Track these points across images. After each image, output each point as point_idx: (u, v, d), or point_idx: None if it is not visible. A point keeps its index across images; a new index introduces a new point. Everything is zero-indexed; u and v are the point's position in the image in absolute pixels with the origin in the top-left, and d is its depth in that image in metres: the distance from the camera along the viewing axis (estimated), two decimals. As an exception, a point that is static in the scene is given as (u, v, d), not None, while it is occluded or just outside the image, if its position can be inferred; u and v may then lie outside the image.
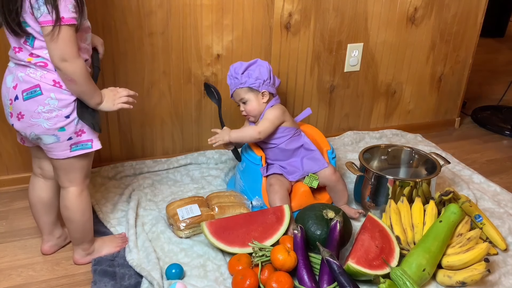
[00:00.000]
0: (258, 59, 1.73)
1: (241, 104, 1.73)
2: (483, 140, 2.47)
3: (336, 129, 2.35)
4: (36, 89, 1.23)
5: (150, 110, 1.97)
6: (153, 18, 1.82)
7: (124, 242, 1.53)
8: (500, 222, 1.71)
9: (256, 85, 1.69)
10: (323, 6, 2.04)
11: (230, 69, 1.73)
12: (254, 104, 1.71)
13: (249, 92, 1.70)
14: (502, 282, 1.46)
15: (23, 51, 1.22)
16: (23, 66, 1.23)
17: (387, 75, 2.31)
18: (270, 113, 1.71)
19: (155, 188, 1.87)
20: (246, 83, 1.69)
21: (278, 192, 1.63)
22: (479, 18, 2.34)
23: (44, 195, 1.45)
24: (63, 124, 1.27)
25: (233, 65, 1.73)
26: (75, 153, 1.32)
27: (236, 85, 1.70)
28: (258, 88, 1.70)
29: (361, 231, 1.50)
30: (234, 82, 1.71)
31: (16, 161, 1.85)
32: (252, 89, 1.69)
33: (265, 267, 1.41)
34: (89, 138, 1.33)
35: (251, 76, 1.68)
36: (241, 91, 1.70)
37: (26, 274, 1.45)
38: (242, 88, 1.69)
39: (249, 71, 1.69)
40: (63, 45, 1.17)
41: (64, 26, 1.15)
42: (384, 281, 1.31)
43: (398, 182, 1.64)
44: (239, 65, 1.71)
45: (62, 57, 1.18)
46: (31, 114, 1.25)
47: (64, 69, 1.19)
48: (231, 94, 1.75)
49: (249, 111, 1.72)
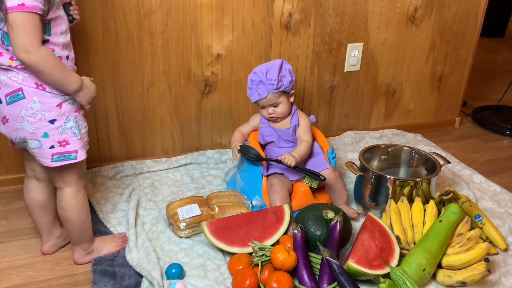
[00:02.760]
0: (283, 60, 1.70)
1: (270, 108, 1.70)
2: (483, 140, 2.47)
3: (336, 129, 2.35)
4: (19, 92, 1.20)
5: (150, 110, 1.97)
6: (153, 18, 1.82)
7: (124, 242, 1.53)
8: (500, 222, 1.71)
9: (290, 87, 1.68)
10: (323, 6, 2.04)
11: (259, 75, 1.66)
12: (286, 106, 1.70)
13: (282, 95, 1.69)
14: (502, 282, 1.46)
15: (3, 55, 1.18)
16: (5, 69, 1.20)
17: (387, 75, 2.31)
18: (305, 122, 1.74)
19: (155, 188, 1.86)
20: (282, 87, 1.66)
21: (279, 193, 1.63)
22: (479, 18, 2.34)
23: (39, 197, 1.43)
24: (47, 129, 1.24)
25: (260, 70, 1.68)
26: (56, 163, 1.28)
27: (270, 91, 1.66)
28: (290, 90, 1.70)
29: (361, 231, 1.50)
30: (268, 88, 1.65)
31: (16, 161, 1.85)
32: (285, 91, 1.68)
33: (265, 267, 1.41)
34: (74, 149, 1.29)
35: (285, 80, 1.66)
36: (274, 96, 1.67)
37: (26, 274, 1.45)
38: (275, 93, 1.67)
39: (282, 75, 1.66)
40: (23, 34, 1.10)
41: (23, 13, 1.09)
42: (384, 281, 1.31)
43: (398, 182, 1.64)
44: (270, 69, 1.66)
45: (23, 48, 1.11)
46: (15, 118, 1.22)
47: (28, 61, 1.13)
48: (257, 100, 1.69)
49: (280, 113, 1.71)
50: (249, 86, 1.72)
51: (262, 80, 1.66)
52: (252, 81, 1.70)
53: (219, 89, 2.03)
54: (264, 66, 1.69)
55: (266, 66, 1.68)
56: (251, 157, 1.68)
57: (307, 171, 1.64)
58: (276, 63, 1.69)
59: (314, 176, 1.63)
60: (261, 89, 1.67)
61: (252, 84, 1.70)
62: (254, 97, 1.70)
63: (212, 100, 2.04)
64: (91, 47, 1.78)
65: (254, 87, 1.69)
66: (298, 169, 1.64)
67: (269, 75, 1.66)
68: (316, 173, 1.63)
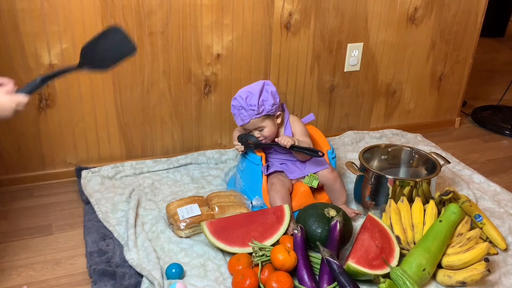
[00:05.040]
0: (265, 82, 1.67)
1: (256, 132, 1.68)
2: (483, 140, 2.47)
3: (336, 129, 2.35)
4: None
5: (150, 110, 1.97)
6: (153, 18, 1.82)
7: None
8: (500, 222, 1.71)
9: (273, 110, 1.65)
10: (323, 6, 2.04)
11: (239, 101, 1.63)
12: (271, 128, 1.67)
13: (266, 119, 1.66)
14: (502, 282, 1.46)
15: None
16: None
17: (387, 75, 2.31)
18: (299, 129, 1.73)
19: (155, 188, 1.86)
20: (263, 112, 1.63)
21: (279, 191, 1.63)
22: (479, 18, 2.34)
23: None
24: None
25: (240, 95, 1.64)
26: None
27: (251, 116, 1.63)
28: (274, 113, 1.67)
29: (361, 230, 1.50)
30: (249, 113, 1.62)
31: (16, 161, 1.85)
32: (269, 115, 1.66)
33: (265, 267, 1.41)
34: None
35: (267, 104, 1.63)
36: (258, 120, 1.64)
37: (26, 274, 1.45)
38: (258, 117, 1.64)
39: (263, 99, 1.63)
40: None
41: None
42: (384, 281, 1.31)
43: (398, 182, 1.64)
44: (250, 95, 1.63)
45: None
46: None
47: None
48: (241, 124, 1.67)
49: (267, 136, 1.68)
50: (232, 111, 1.69)
51: (242, 106, 1.63)
52: (234, 107, 1.67)
53: (219, 89, 2.03)
54: (244, 90, 1.65)
55: (246, 91, 1.64)
56: (250, 145, 1.68)
57: (305, 149, 1.63)
58: (257, 87, 1.64)
59: (313, 153, 1.61)
60: (243, 115, 1.64)
61: (234, 109, 1.67)
62: (238, 122, 1.68)
63: (212, 100, 2.04)
64: (91, 47, 1.78)
65: (236, 112, 1.67)
66: (296, 148, 1.63)
67: (249, 100, 1.62)
68: (314, 149, 1.63)
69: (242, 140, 1.71)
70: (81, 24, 1.74)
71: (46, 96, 1.81)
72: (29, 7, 1.66)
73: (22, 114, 1.79)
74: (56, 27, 1.72)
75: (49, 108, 1.83)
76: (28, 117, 1.81)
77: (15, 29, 1.67)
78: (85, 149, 1.94)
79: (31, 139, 1.85)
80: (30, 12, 1.67)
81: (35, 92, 1.32)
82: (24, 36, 1.69)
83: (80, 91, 1.84)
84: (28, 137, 1.84)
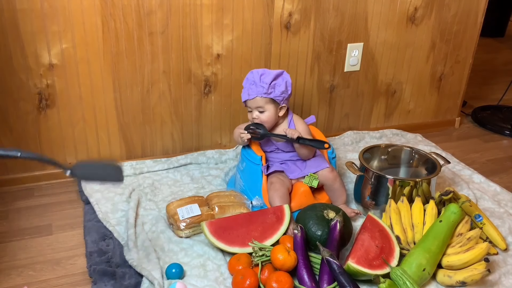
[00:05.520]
0: (284, 71, 1.69)
1: (255, 112, 1.68)
2: (483, 140, 2.47)
3: (336, 129, 2.35)
4: None
5: (150, 110, 1.97)
6: (153, 18, 1.82)
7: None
8: (500, 222, 1.71)
9: (280, 98, 1.66)
10: (323, 6, 2.04)
11: (255, 75, 1.65)
12: (271, 115, 1.67)
13: (270, 103, 1.66)
14: (502, 282, 1.46)
15: None
16: None
17: (387, 75, 2.31)
18: (303, 128, 1.72)
19: (155, 188, 1.86)
20: (271, 94, 1.64)
21: (278, 190, 1.63)
22: (479, 18, 2.34)
23: None
24: None
25: (257, 71, 1.66)
26: None
27: (259, 93, 1.63)
28: (280, 102, 1.67)
29: (361, 231, 1.50)
30: (258, 90, 1.64)
31: (16, 161, 1.85)
32: (274, 101, 1.66)
33: (265, 267, 1.41)
34: None
35: (277, 89, 1.64)
36: (262, 100, 1.65)
37: (26, 274, 1.45)
38: (264, 97, 1.65)
39: (276, 83, 1.64)
40: None
41: None
42: (384, 281, 1.31)
43: (398, 182, 1.64)
44: (266, 73, 1.65)
45: None
46: None
47: None
48: (246, 99, 1.68)
49: (264, 121, 1.67)
50: (244, 84, 1.71)
51: (255, 81, 1.65)
52: (247, 80, 1.69)
53: (219, 89, 2.03)
54: (263, 69, 1.68)
55: (264, 70, 1.67)
56: (257, 135, 1.68)
57: (311, 140, 1.66)
58: (277, 71, 1.67)
59: (319, 144, 1.64)
60: (251, 89, 1.65)
61: (246, 82, 1.69)
62: (244, 96, 1.69)
63: (212, 100, 2.04)
64: (91, 47, 1.78)
65: (247, 86, 1.68)
66: (302, 141, 1.64)
67: (263, 78, 1.64)
68: (320, 140, 1.65)
69: (249, 128, 1.70)
70: (81, 24, 1.74)
71: (46, 96, 1.81)
72: (29, 7, 1.66)
73: (22, 114, 1.80)
74: (56, 27, 1.72)
75: (49, 108, 1.83)
76: (28, 117, 1.81)
77: (15, 29, 1.67)
78: (85, 149, 1.94)
79: (31, 139, 1.85)
80: (30, 12, 1.67)
81: (3, 159, 1.25)
82: (24, 36, 1.69)
83: (80, 91, 1.84)
84: (28, 137, 1.84)
